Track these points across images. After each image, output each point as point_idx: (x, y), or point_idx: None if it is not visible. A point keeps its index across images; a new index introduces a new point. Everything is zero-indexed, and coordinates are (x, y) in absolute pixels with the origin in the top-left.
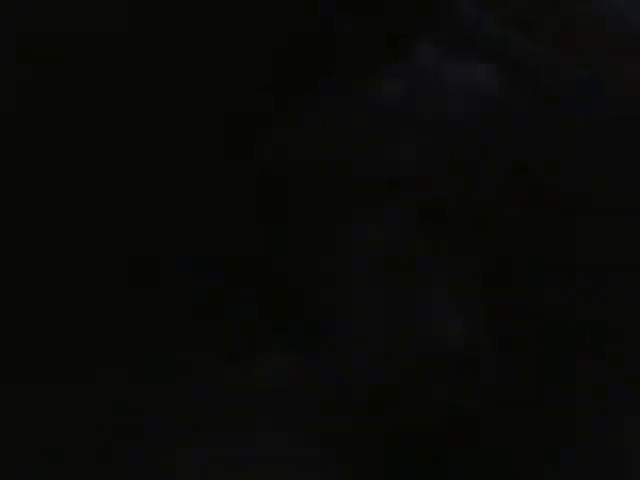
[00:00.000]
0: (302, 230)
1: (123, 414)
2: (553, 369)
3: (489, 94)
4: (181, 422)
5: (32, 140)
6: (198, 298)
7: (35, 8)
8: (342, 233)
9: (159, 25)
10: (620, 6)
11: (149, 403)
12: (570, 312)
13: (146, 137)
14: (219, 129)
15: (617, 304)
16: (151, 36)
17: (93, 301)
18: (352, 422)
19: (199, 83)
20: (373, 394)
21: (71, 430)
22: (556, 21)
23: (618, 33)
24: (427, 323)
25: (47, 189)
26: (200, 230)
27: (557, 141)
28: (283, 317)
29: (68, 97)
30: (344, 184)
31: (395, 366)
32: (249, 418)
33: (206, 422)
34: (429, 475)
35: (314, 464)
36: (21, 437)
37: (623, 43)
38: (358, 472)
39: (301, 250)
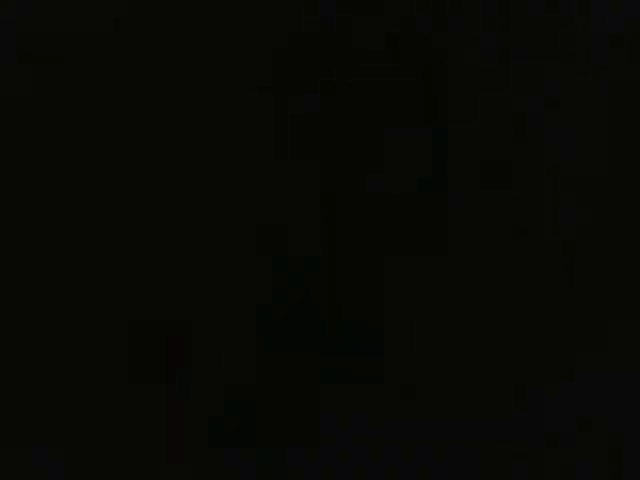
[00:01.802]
0: None
1: None
2: None
3: None
4: None
5: (33, 142)
6: None
7: (35, 8)
8: None
9: (159, 24)
10: None
11: None
12: None
13: (148, 138)
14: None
15: None
16: (151, 35)
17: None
18: None
19: (199, 83)
20: None
21: None
22: None
23: None
24: None
25: (44, 192)
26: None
27: None
28: None
29: (67, 98)
30: None
31: None
32: None
33: None
34: None
35: None
36: None
37: None
38: None
39: None
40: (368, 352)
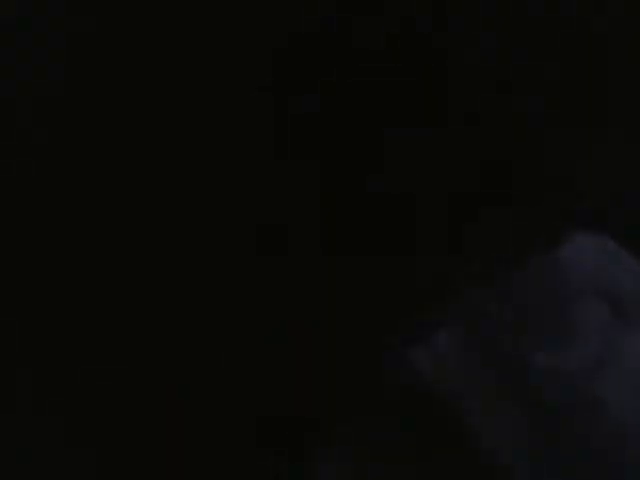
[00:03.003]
0: None
1: None
2: None
3: None
4: None
5: (34, 143)
6: None
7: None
8: None
9: (160, 24)
10: None
11: None
12: None
13: (149, 138)
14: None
15: None
16: (152, 35)
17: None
18: None
19: (200, 83)
20: None
21: None
22: None
23: None
24: None
25: (46, 192)
26: None
27: None
28: None
29: (67, 97)
30: None
31: None
32: None
33: None
34: None
35: None
36: None
37: None
38: None
39: None
40: (368, 352)
